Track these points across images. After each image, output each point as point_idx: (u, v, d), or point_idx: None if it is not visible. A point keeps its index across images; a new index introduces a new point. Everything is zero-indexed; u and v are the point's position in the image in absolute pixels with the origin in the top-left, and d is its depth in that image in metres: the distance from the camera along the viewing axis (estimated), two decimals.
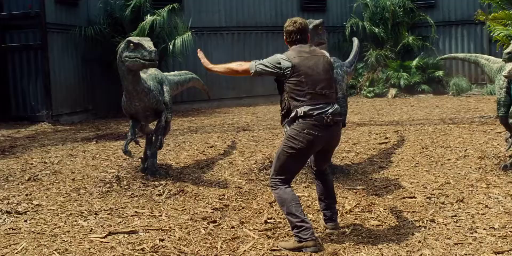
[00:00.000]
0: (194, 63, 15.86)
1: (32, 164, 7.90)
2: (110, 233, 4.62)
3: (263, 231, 4.60)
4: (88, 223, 5.01)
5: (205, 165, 7.49)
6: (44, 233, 4.72)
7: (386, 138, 8.96)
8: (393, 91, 16.56)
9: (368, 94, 16.76)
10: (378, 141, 8.69)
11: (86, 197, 5.97)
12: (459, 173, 6.35)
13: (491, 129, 9.40)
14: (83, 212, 5.37)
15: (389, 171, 6.61)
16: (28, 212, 5.44)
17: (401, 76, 16.46)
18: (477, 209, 4.99)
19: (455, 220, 4.69)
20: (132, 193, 5.98)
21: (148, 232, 4.65)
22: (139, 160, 7.20)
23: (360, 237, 4.37)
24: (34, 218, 5.20)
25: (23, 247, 4.35)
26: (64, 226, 4.92)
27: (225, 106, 16.19)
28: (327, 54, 4.46)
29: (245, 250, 4.16)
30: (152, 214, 5.20)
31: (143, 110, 6.51)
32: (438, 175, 6.29)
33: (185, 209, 5.35)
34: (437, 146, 8.04)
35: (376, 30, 16.97)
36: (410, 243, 4.16)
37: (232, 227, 4.72)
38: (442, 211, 4.97)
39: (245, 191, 5.95)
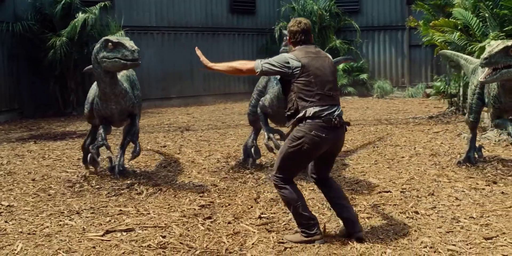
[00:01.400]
0: None
1: None
2: (107, 232, 4.55)
3: (261, 225, 4.70)
4: (75, 222, 4.88)
5: (167, 164, 7.45)
6: (35, 234, 4.57)
7: None
8: None
9: None
10: None
11: (58, 197, 5.80)
12: (418, 170, 6.74)
13: (428, 129, 10.00)
14: (63, 212, 5.22)
15: (354, 168, 6.90)
16: (2, 213, 5.22)
17: None
18: (450, 201, 5.35)
19: (436, 211, 5.02)
20: (108, 193, 5.87)
21: (145, 230, 4.61)
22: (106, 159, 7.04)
23: None
24: (14, 219, 5.00)
25: (22, 248, 4.20)
26: (52, 226, 4.78)
27: (155, 107, 16.04)
28: (330, 57, 4.58)
29: (253, 243, 4.25)
30: (139, 212, 5.15)
31: (119, 114, 6.27)
32: (401, 172, 6.65)
33: (171, 206, 5.34)
34: (387, 145, 8.46)
35: None
36: (408, 233, 4.42)
37: (229, 223, 4.78)
38: (421, 203, 5.29)
39: (223, 188, 6.01)
